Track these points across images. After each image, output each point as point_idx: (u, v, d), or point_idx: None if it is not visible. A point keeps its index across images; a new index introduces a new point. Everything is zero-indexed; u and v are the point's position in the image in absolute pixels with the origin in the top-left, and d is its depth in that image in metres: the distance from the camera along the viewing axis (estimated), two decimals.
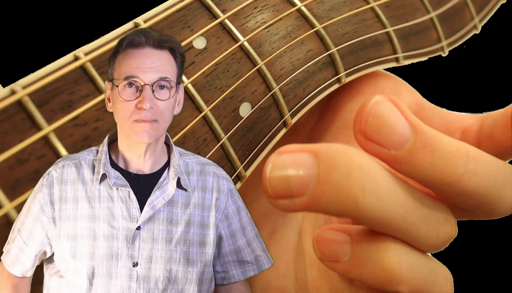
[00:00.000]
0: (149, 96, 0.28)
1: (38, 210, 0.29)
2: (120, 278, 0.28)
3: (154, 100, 0.28)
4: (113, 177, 0.29)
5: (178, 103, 0.31)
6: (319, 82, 0.41)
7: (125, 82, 0.28)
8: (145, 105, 0.28)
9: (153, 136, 0.29)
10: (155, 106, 0.28)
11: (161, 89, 0.29)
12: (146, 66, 0.28)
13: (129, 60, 0.29)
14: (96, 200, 0.29)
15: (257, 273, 0.32)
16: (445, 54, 0.50)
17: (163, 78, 0.29)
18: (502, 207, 0.26)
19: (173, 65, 0.30)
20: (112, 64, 0.30)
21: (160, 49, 0.29)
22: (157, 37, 0.29)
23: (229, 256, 0.32)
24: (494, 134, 0.29)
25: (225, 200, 0.31)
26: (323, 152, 0.23)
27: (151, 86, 0.28)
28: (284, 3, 0.41)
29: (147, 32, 0.29)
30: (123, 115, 0.29)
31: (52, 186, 0.29)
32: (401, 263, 0.25)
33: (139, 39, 0.29)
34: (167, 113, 0.29)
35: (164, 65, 0.29)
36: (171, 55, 0.30)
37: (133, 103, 0.28)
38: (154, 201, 0.29)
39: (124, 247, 0.28)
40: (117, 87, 0.29)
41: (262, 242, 0.33)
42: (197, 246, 0.30)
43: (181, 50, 0.30)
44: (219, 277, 0.32)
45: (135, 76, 0.28)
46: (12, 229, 0.29)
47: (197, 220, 0.30)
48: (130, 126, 0.28)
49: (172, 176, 0.30)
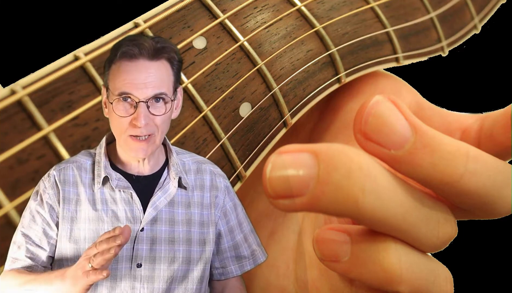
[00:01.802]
0: (144, 113, 0.28)
1: (49, 211, 0.29)
2: (124, 279, 0.28)
3: (149, 116, 0.28)
4: (115, 179, 0.29)
5: (176, 107, 0.30)
6: (319, 82, 0.41)
7: (119, 98, 0.28)
8: (140, 123, 0.27)
9: (149, 152, 0.29)
10: (151, 121, 0.28)
11: (157, 102, 0.28)
12: (140, 82, 0.28)
13: (123, 74, 0.28)
14: (99, 202, 0.29)
15: (253, 267, 0.33)
16: (445, 54, 0.50)
17: (158, 94, 0.28)
18: (502, 207, 0.26)
19: (170, 74, 0.29)
20: (107, 72, 0.29)
21: (156, 60, 0.28)
22: (152, 48, 0.28)
23: (227, 252, 0.32)
24: (494, 134, 0.29)
25: (222, 197, 0.32)
26: (323, 152, 0.23)
27: (146, 103, 0.28)
28: (284, 3, 0.41)
29: (141, 42, 0.28)
30: (118, 130, 0.28)
31: (55, 186, 0.29)
32: (401, 263, 0.25)
33: (133, 51, 0.28)
34: (164, 125, 0.29)
35: (160, 78, 0.28)
36: (168, 64, 0.29)
37: (128, 119, 0.28)
38: (157, 201, 0.29)
39: (129, 249, 0.29)
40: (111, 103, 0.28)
41: (257, 236, 0.33)
42: (198, 244, 0.30)
43: (178, 57, 0.29)
44: (217, 273, 0.32)
45: (129, 93, 0.28)
46: (13, 242, 0.28)
47: (197, 219, 0.30)
48: (125, 140, 0.28)
49: (173, 175, 0.30)
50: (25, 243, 0.29)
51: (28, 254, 0.29)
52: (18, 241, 0.28)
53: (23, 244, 0.29)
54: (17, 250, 0.29)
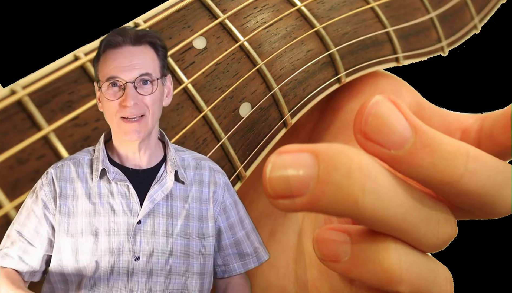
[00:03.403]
0: (132, 93, 0.29)
1: (42, 208, 0.29)
2: (122, 273, 0.29)
3: (138, 97, 0.29)
4: (112, 172, 0.30)
5: (167, 95, 0.31)
6: (319, 82, 0.41)
7: (107, 83, 0.29)
8: (129, 103, 0.28)
9: (142, 133, 0.29)
10: (140, 102, 0.29)
11: (144, 84, 0.29)
12: (125, 65, 0.29)
13: (109, 61, 0.29)
14: (96, 196, 0.29)
15: (257, 265, 0.33)
16: (445, 54, 0.50)
17: (144, 74, 0.29)
18: (502, 207, 0.26)
19: (155, 58, 0.30)
20: (96, 67, 0.30)
21: (139, 45, 0.30)
22: (134, 34, 0.30)
23: (229, 248, 0.32)
24: (494, 134, 0.29)
25: (221, 193, 0.32)
26: (323, 152, 0.23)
27: (133, 83, 0.29)
28: (284, 3, 0.41)
29: (123, 31, 0.30)
30: (109, 113, 0.29)
31: (52, 183, 0.29)
32: (401, 263, 0.25)
33: (116, 39, 0.29)
34: (155, 106, 0.29)
35: (145, 61, 0.29)
36: (152, 48, 0.30)
37: (117, 101, 0.29)
38: (154, 194, 0.30)
39: (126, 242, 0.29)
40: (100, 89, 0.29)
41: (258, 235, 0.33)
42: (196, 239, 0.30)
43: (161, 43, 0.31)
44: (220, 270, 0.32)
45: (116, 76, 0.29)
46: (6, 235, 0.29)
47: (196, 213, 0.31)
48: (118, 123, 0.29)
49: (169, 169, 0.30)
50: (18, 240, 0.29)
51: (20, 252, 0.29)
52: (12, 236, 0.29)
53: (16, 241, 0.29)
54: (11, 246, 0.29)
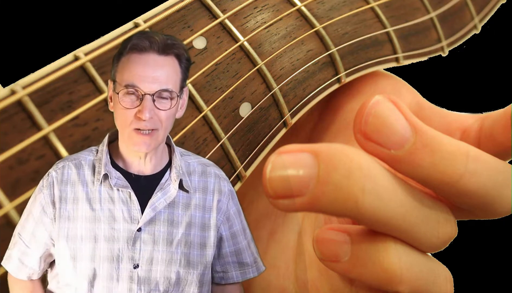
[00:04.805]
0: (149, 106, 0.27)
1: (40, 211, 0.28)
2: (121, 280, 0.28)
3: (154, 110, 0.28)
4: (114, 177, 0.29)
5: (181, 107, 0.30)
6: (319, 82, 0.41)
7: (125, 90, 0.28)
8: (145, 116, 0.27)
9: (151, 147, 0.28)
10: (155, 116, 0.28)
11: (163, 98, 0.28)
12: (148, 75, 0.28)
13: (132, 66, 0.28)
14: (96, 201, 0.29)
15: (256, 275, 0.32)
16: (445, 54, 0.50)
17: (164, 90, 0.28)
18: (502, 207, 0.26)
19: (178, 71, 0.29)
20: (115, 65, 0.29)
21: (166, 55, 0.28)
22: (162, 42, 0.28)
23: (229, 257, 0.32)
24: (494, 134, 0.29)
25: (226, 202, 0.31)
26: (323, 152, 0.23)
27: (152, 96, 0.28)
28: (284, 3, 0.41)
29: (152, 37, 0.28)
30: (122, 122, 0.28)
31: (52, 186, 0.29)
32: (401, 263, 0.25)
33: (143, 44, 0.28)
34: (168, 121, 0.29)
35: (167, 74, 0.28)
36: (177, 60, 0.29)
37: (133, 111, 0.28)
38: (156, 202, 0.29)
39: (125, 249, 0.28)
40: (117, 94, 0.28)
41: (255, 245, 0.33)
42: (197, 248, 0.30)
43: (187, 55, 0.29)
44: (218, 277, 0.32)
45: (136, 85, 0.28)
46: (13, 235, 0.29)
47: (198, 222, 0.30)
48: (129, 134, 0.28)
49: (174, 177, 0.30)
50: (18, 241, 0.29)
51: (19, 254, 0.29)
52: (14, 237, 0.29)
53: (17, 242, 0.29)
54: (13, 247, 0.29)
